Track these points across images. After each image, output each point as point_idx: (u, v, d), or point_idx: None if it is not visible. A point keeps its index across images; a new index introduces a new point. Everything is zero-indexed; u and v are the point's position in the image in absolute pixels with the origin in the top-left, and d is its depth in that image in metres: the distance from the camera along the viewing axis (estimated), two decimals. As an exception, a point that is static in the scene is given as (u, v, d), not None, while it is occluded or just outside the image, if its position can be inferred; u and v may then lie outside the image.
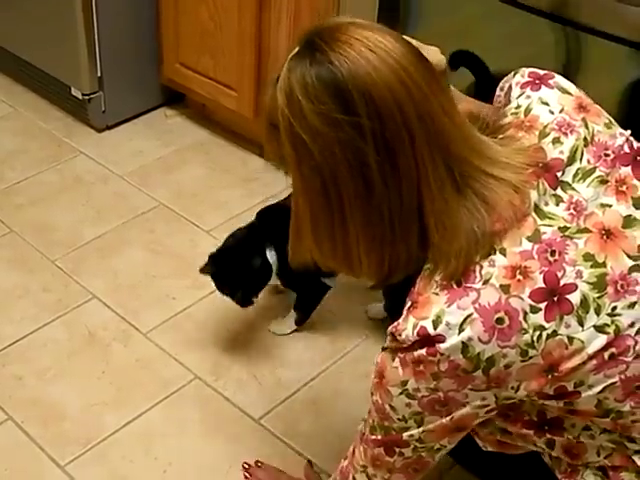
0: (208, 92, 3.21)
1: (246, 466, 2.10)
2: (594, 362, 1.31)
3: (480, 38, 2.28)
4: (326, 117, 1.22)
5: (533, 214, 1.32)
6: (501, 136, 1.38)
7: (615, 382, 1.34)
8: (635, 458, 1.45)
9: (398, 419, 1.40)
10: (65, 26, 3.17)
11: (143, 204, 3.01)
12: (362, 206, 1.27)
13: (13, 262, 2.71)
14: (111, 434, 2.21)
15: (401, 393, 1.36)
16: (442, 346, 1.27)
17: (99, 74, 3.25)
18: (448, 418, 1.38)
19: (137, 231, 2.89)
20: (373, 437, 1.48)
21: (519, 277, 1.28)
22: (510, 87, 1.48)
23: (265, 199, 2.97)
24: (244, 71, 3.01)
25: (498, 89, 1.55)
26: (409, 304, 1.34)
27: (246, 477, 2.09)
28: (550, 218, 1.32)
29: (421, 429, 1.40)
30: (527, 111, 1.41)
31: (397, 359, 1.34)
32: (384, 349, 1.38)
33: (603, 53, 2.05)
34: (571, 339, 1.29)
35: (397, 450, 1.46)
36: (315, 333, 2.50)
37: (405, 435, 1.42)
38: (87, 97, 3.28)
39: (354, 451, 1.60)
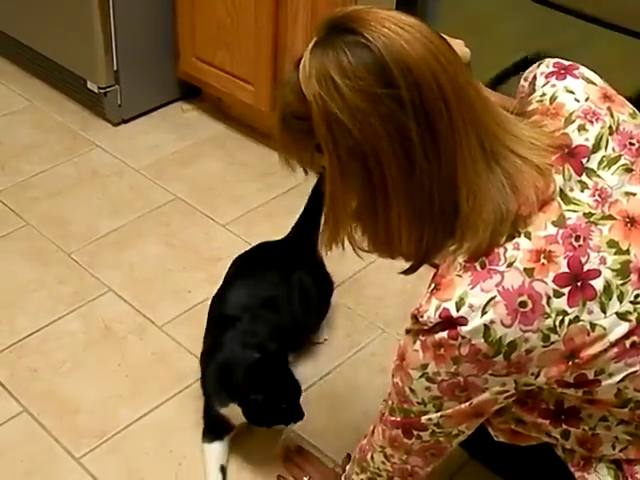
0: (224, 86, 3.21)
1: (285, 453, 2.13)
2: (615, 350, 1.31)
3: (498, 32, 2.27)
4: (365, 93, 1.23)
5: (558, 199, 1.32)
6: (526, 121, 1.39)
7: (636, 371, 1.33)
8: None
9: (417, 402, 1.41)
10: (82, 19, 3.17)
11: (159, 198, 3.01)
12: (404, 181, 1.27)
13: (29, 255, 2.72)
14: (126, 427, 2.21)
15: (421, 377, 1.36)
16: (464, 329, 1.27)
17: (115, 68, 3.25)
18: (467, 404, 1.38)
19: (153, 224, 2.89)
20: (392, 418, 1.49)
21: (543, 261, 1.28)
22: (535, 77, 1.49)
23: (281, 193, 2.97)
24: (261, 65, 3.00)
25: (522, 79, 1.55)
26: (432, 286, 1.34)
27: (285, 462, 2.11)
28: (575, 204, 1.32)
29: (439, 414, 1.40)
30: (552, 99, 1.42)
31: (418, 342, 1.34)
32: (407, 332, 1.38)
33: (622, 49, 2.04)
34: (593, 326, 1.29)
35: (415, 433, 1.47)
36: (331, 327, 2.50)
37: (424, 419, 1.43)
38: (103, 91, 3.29)
39: (373, 430, 1.61)
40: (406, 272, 1.44)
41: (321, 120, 1.26)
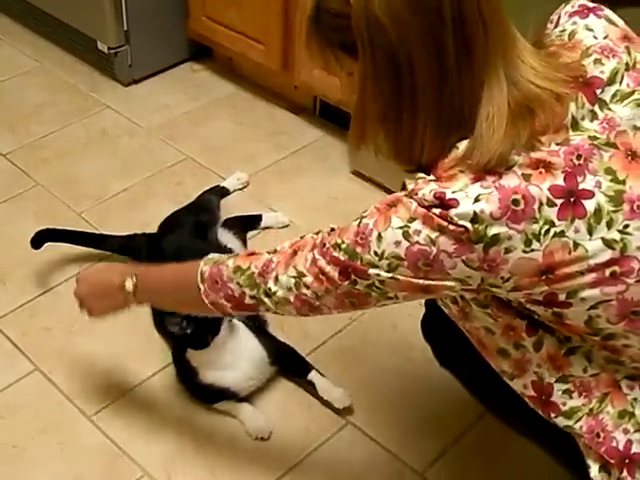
0: (235, 45, 3.19)
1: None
2: (593, 275, 1.31)
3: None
4: (410, 1, 1.25)
5: (568, 125, 1.33)
6: (544, 51, 1.40)
7: (611, 301, 1.33)
8: (622, 384, 1.45)
9: (374, 252, 1.35)
10: (91, -21, 3.16)
11: (170, 157, 3.01)
12: (433, 94, 1.30)
13: (40, 215, 2.71)
14: (138, 385, 2.22)
15: (400, 227, 1.32)
16: (453, 211, 1.27)
17: (125, 28, 3.24)
18: (422, 280, 1.35)
19: (164, 184, 2.88)
20: (335, 254, 1.41)
21: (541, 170, 1.29)
22: (559, 17, 1.49)
23: (291, 153, 2.96)
24: (271, 24, 2.98)
25: (548, 22, 1.55)
26: (431, 178, 1.33)
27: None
28: (582, 131, 1.34)
29: (390, 275, 1.36)
30: (571, 35, 1.43)
31: (414, 201, 1.32)
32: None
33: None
34: (576, 245, 1.29)
35: (353, 278, 1.40)
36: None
37: (371, 271, 1.37)
38: (113, 51, 3.28)
39: (295, 252, 1.50)
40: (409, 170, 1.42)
41: (360, 18, 1.27)
